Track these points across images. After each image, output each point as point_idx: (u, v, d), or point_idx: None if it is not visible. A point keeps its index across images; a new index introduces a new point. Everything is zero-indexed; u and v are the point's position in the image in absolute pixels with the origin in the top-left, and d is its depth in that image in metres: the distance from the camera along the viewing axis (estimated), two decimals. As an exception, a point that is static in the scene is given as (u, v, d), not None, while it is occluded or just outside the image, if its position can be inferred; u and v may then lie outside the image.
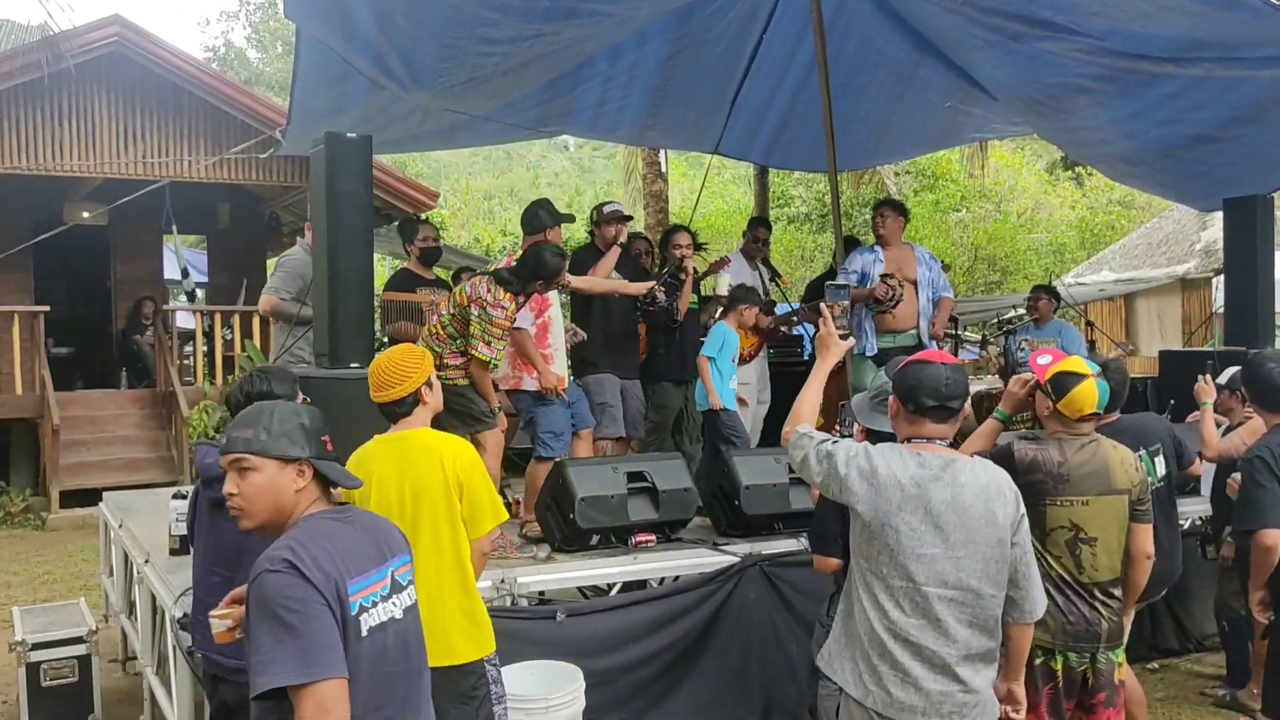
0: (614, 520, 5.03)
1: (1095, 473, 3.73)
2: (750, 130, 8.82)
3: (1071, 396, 3.74)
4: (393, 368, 3.44)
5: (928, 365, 2.98)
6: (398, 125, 6.79)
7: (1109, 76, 5.84)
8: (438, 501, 3.37)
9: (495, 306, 5.00)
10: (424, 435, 3.47)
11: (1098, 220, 25.38)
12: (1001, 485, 2.94)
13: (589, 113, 7.75)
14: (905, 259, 7.08)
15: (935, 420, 2.95)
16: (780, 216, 24.52)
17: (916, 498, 2.86)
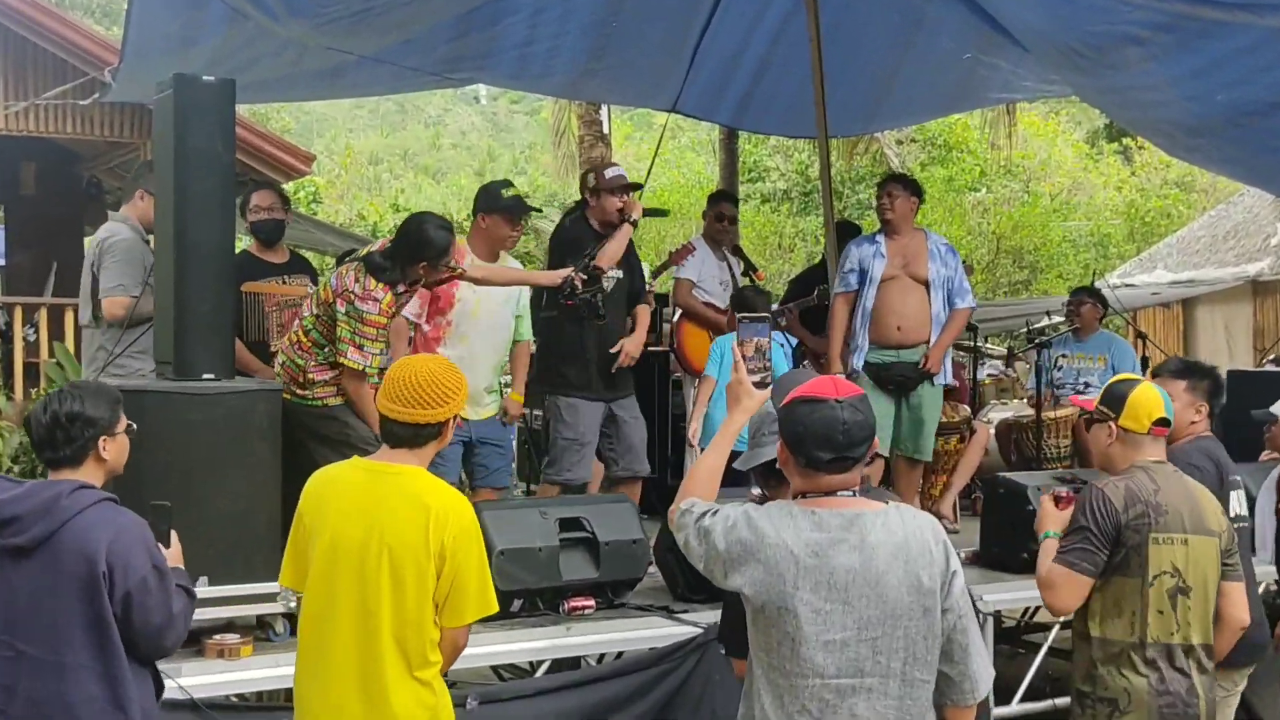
0: (542, 580, 5.02)
1: (1190, 504, 3.87)
2: (717, 83, 8.90)
3: (1133, 402, 3.87)
4: (435, 383, 3.39)
5: (817, 406, 2.95)
6: (264, 66, 6.75)
7: (1167, 24, 5.97)
8: (406, 568, 3.30)
9: (365, 300, 5.00)
10: (416, 478, 3.42)
11: (1150, 206, 25.94)
12: (924, 538, 2.96)
13: (512, 55, 7.78)
14: (915, 251, 7.04)
15: (832, 470, 2.95)
16: (752, 194, 24.72)
17: (815, 569, 2.88)
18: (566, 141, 17.45)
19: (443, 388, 3.40)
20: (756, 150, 25.08)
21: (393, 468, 3.40)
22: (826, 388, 2.99)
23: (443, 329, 5.94)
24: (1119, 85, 7.10)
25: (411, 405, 3.37)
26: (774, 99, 9.17)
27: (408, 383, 3.38)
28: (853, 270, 6.99)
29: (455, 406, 3.44)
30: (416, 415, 3.37)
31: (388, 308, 5.07)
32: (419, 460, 3.44)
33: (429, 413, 3.38)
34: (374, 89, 10.02)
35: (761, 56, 8.48)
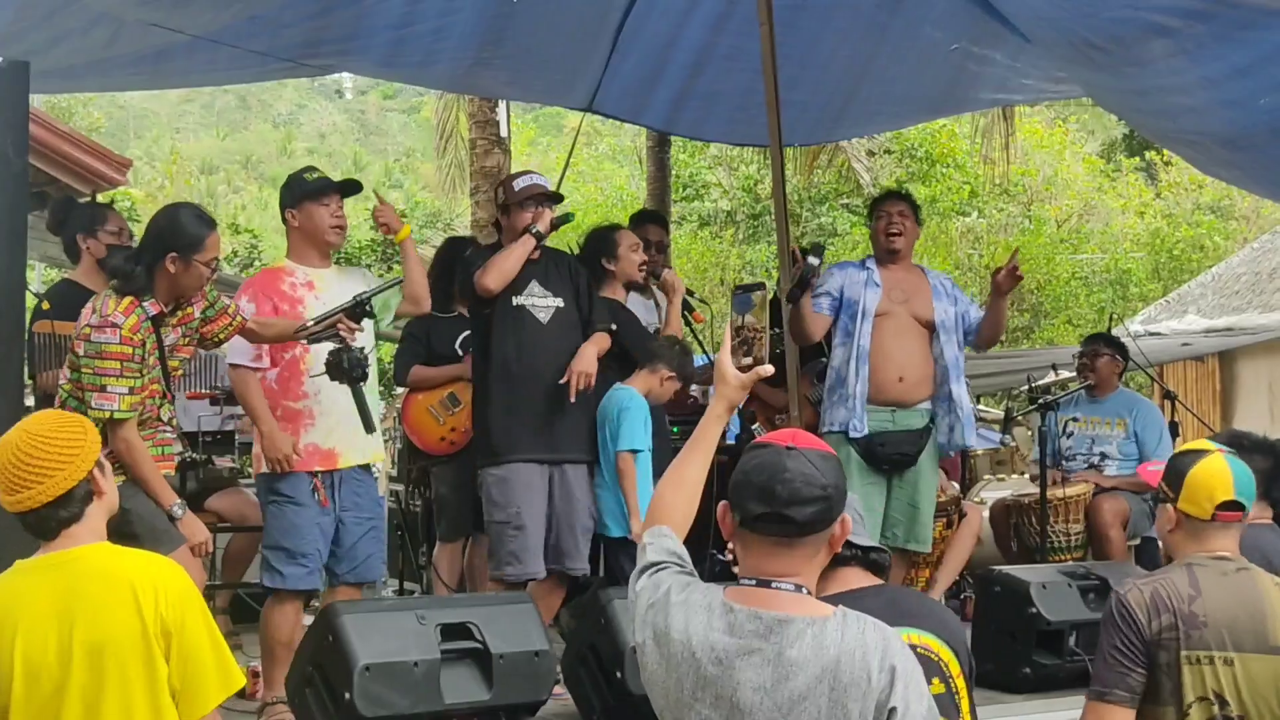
0: (418, 703, 4.97)
1: (1245, 614, 3.87)
2: (645, 77, 8.97)
3: (1192, 480, 3.92)
4: (40, 447, 3.39)
5: (763, 450, 3.00)
6: (66, 48, 6.69)
7: (1202, 12, 6.11)
8: (128, 662, 3.32)
9: (103, 328, 5.07)
10: (100, 555, 3.44)
11: (1179, 235, 26.47)
12: (865, 660, 2.90)
13: (385, 37, 7.78)
14: (915, 285, 7.10)
15: (774, 543, 2.94)
16: (688, 215, 24.93)
17: (717, 682, 2.90)
18: (454, 147, 17.48)
19: (58, 442, 3.42)
20: (693, 161, 25.30)
21: (70, 554, 3.41)
22: (783, 436, 3.03)
23: (302, 359, 5.89)
24: (1142, 86, 7.25)
25: (30, 485, 3.38)
26: (715, 98, 9.24)
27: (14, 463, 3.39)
28: (828, 295, 6.92)
29: (89, 454, 3.46)
30: (41, 494, 3.38)
31: (130, 333, 5.10)
32: (93, 535, 3.47)
33: (59, 478, 3.39)
34: (209, 77, 9.96)
35: (700, 45, 8.55)
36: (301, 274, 5.97)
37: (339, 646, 4.95)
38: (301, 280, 5.96)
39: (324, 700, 5.00)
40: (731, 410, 3.37)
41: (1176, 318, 19.27)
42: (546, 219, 6.51)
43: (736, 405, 3.40)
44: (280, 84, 45.15)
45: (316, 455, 5.81)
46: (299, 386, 5.85)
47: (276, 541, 5.74)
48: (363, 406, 5.66)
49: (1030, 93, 9.79)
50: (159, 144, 41.37)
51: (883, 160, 24.18)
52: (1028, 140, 25.65)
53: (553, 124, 36.33)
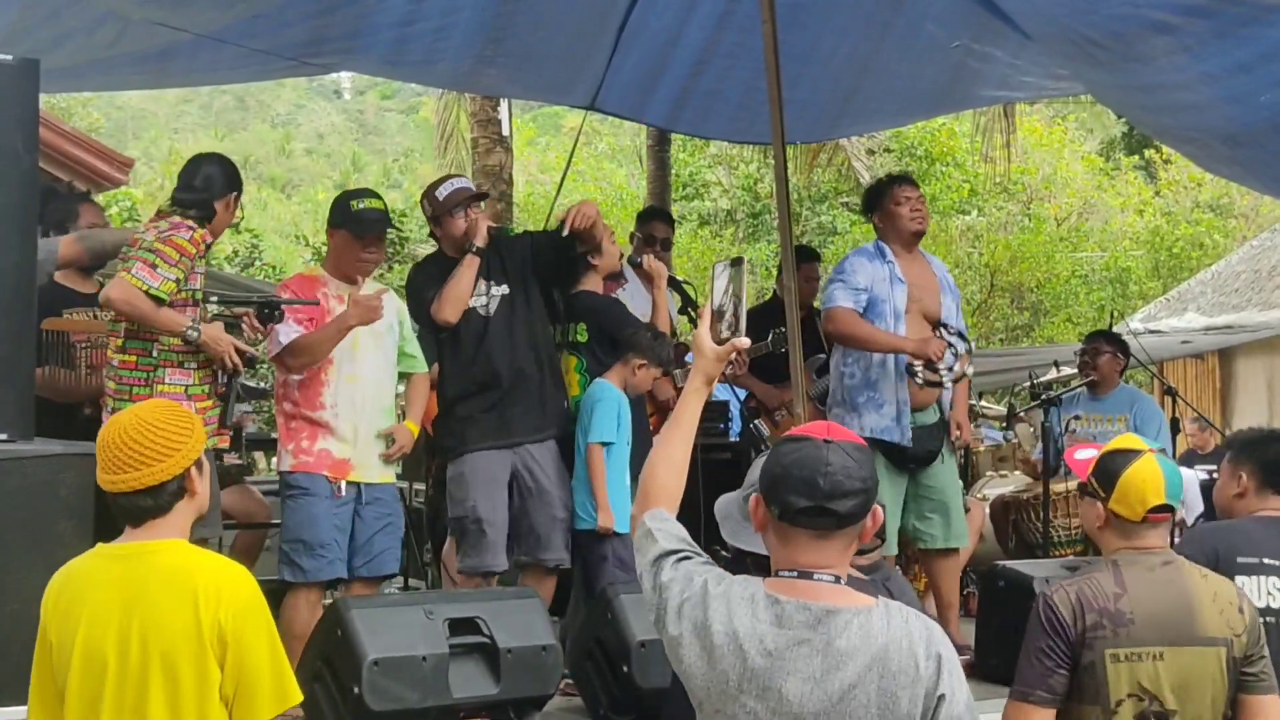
0: (426, 697, 5.00)
1: (1172, 608, 3.88)
2: (647, 76, 9.00)
3: (1124, 483, 3.91)
4: (149, 430, 3.40)
5: (800, 444, 3.01)
6: (72, 47, 6.73)
7: (1203, 9, 6.13)
8: (179, 664, 3.31)
9: (177, 227, 5.45)
10: (173, 552, 3.43)
11: (1178, 234, 26.49)
12: (912, 649, 2.95)
13: (389, 36, 7.81)
14: (925, 280, 7.00)
15: (813, 535, 2.97)
16: (689, 213, 24.93)
17: (765, 674, 2.91)
18: (454, 146, 17.44)
19: (161, 433, 3.42)
20: (693, 160, 25.32)
21: (145, 546, 3.41)
22: (817, 429, 3.05)
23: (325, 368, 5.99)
24: (1144, 83, 7.27)
25: (130, 468, 3.38)
26: (717, 96, 9.27)
27: (117, 443, 3.39)
28: (865, 290, 6.77)
29: (191, 450, 3.46)
30: (142, 478, 3.38)
31: (200, 239, 5.42)
32: (175, 531, 3.46)
33: (154, 470, 3.39)
34: (212, 77, 9.98)
35: (702, 43, 8.58)
36: (334, 287, 6.12)
37: (348, 641, 4.98)
38: (334, 293, 6.10)
39: (333, 695, 5.02)
40: (710, 384, 3.35)
41: (1176, 315, 19.29)
42: (483, 233, 6.45)
43: (714, 378, 3.36)
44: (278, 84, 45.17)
45: (327, 461, 5.90)
46: (318, 398, 5.95)
47: (295, 535, 5.81)
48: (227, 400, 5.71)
49: (1031, 90, 9.82)
50: (157, 144, 41.34)
51: (883, 158, 24.16)
52: (1027, 139, 25.64)
53: (551, 123, 36.35)
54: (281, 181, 45.49)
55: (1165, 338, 17.43)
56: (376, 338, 6.09)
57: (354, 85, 51.61)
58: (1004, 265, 24.09)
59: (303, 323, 5.95)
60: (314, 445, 5.86)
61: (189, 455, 3.44)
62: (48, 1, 6.09)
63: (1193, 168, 22.40)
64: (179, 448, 3.42)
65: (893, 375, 6.71)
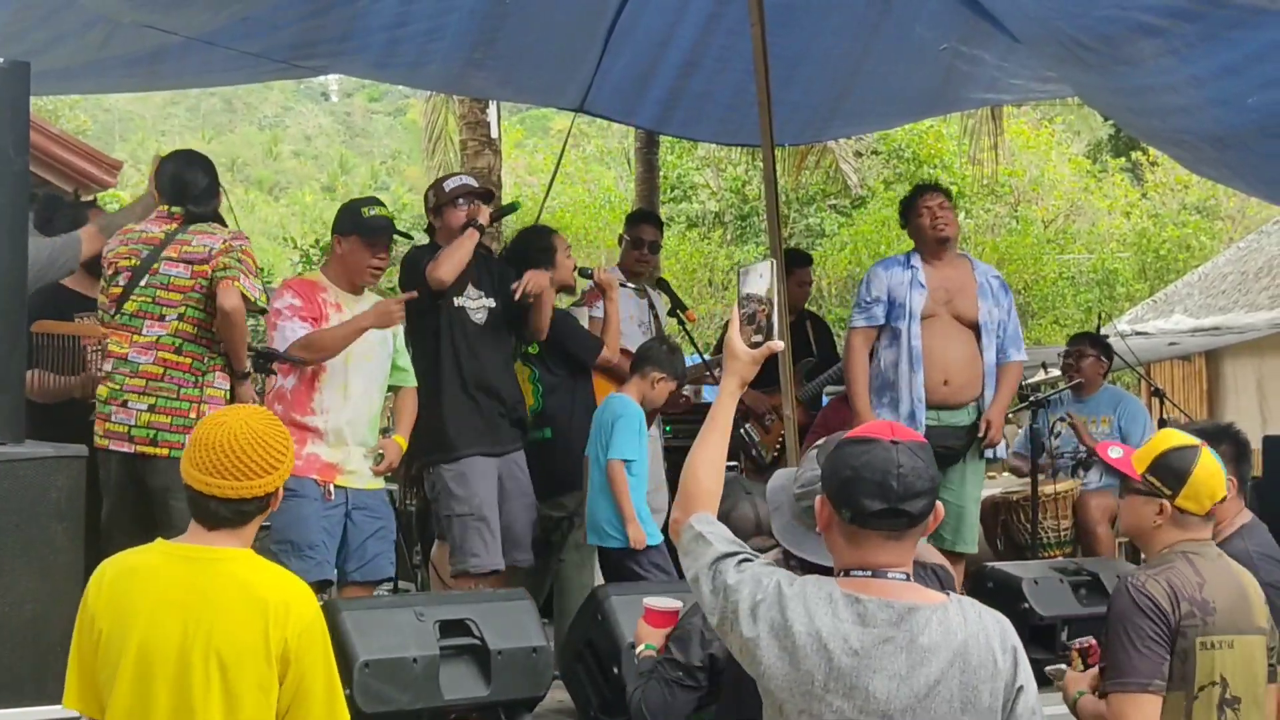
0: (417, 699, 5.01)
1: (1238, 597, 3.96)
2: (636, 79, 9.02)
3: (1197, 478, 3.95)
4: (259, 444, 3.39)
5: (869, 446, 3.02)
6: (63, 50, 6.73)
7: (1190, 12, 6.15)
8: (244, 677, 3.31)
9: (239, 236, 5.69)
10: (245, 565, 3.43)
11: (1165, 235, 26.55)
12: (989, 643, 2.99)
13: (379, 39, 7.82)
14: (960, 283, 7.06)
15: (885, 535, 2.98)
16: (677, 216, 24.95)
17: (852, 673, 2.92)
18: (443, 148, 17.39)
19: (270, 449, 3.41)
20: (681, 163, 25.32)
21: (214, 552, 3.40)
22: (881, 429, 3.06)
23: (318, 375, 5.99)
24: (1131, 85, 7.30)
25: (232, 476, 3.36)
26: (706, 98, 9.28)
27: (225, 448, 3.36)
28: (879, 301, 6.95)
29: (286, 471, 3.46)
30: (240, 489, 3.37)
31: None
32: (241, 541, 3.45)
33: (256, 483, 3.38)
34: (202, 79, 9.98)
35: (691, 45, 8.59)
36: (333, 293, 6.12)
37: (338, 643, 4.94)
38: (332, 300, 6.10)
39: (324, 696, 5.03)
40: (743, 387, 3.39)
41: (1163, 317, 19.32)
42: (485, 212, 6.61)
43: (748, 382, 3.40)
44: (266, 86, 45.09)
45: (316, 464, 5.89)
46: (309, 403, 5.96)
47: (283, 535, 5.78)
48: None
49: (1019, 92, 9.84)
50: (144, 146, 41.16)
51: (870, 161, 24.23)
52: (1014, 141, 25.67)
53: (539, 126, 36.33)
54: (269, 184, 45.42)
55: (1152, 339, 17.47)
56: (370, 348, 6.09)
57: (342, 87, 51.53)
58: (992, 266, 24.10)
59: (307, 320, 5.97)
60: (303, 449, 5.80)
61: (285, 474, 3.45)
62: (40, 5, 6.08)
63: (1180, 170, 22.46)
64: (280, 465, 3.43)
65: (907, 374, 6.84)
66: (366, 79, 9.38)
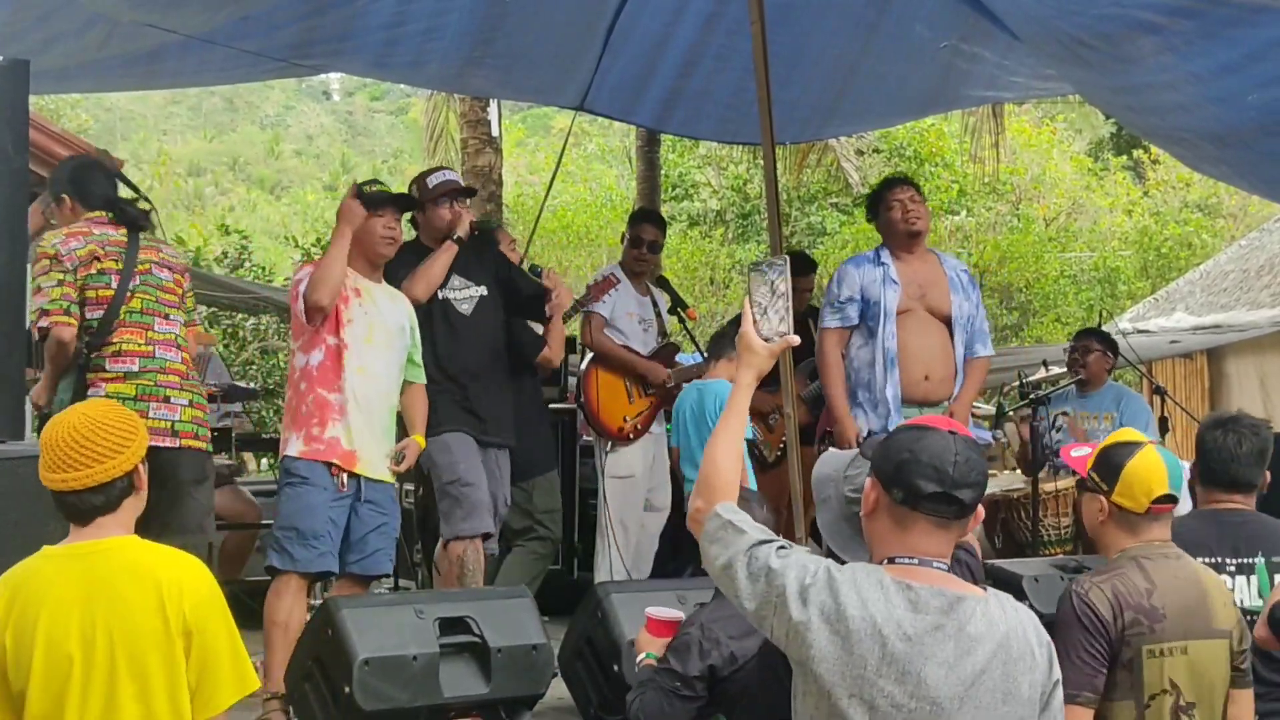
0: (417, 697, 5.02)
1: (1193, 601, 3.93)
2: (637, 77, 9.02)
3: (1128, 474, 3.96)
4: (96, 429, 3.46)
5: (926, 432, 3.09)
6: (62, 49, 6.73)
7: (1189, 9, 6.15)
8: (148, 658, 3.37)
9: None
10: (130, 548, 3.49)
11: (1166, 233, 26.55)
12: (1028, 638, 3.06)
13: (378, 38, 7.82)
14: (931, 277, 6.99)
15: (934, 523, 3.03)
16: (678, 214, 24.95)
17: (905, 659, 2.95)
18: (444, 147, 17.41)
19: (113, 430, 3.48)
20: (682, 161, 25.32)
21: (100, 544, 3.45)
22: (939, 421, 3.13)
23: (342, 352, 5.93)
24: (1131, 83, 7.30)
25: (83, 465, 3.43)
26: (707, 96, 9.28)
27: (68, 442, 3.44)
28: (851, 300, 6.86)
29: (139, 447, 3.53)
30: (95, 474, 3.43)
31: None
32: (122, 528, 3.51)
33: (108, 465, 3.45)
34: (201, 78, 9.98)
35: (691, 44, 8.59)
36: (351, 279, 6.03)
37: (338, 641, 4.98)
38: (350, 285, 6.01)
39: (324, 694, 5.04)
40: (759, 379, 3.42)
41: (1165, 315, 19.33)
42: (466, 224, 6.59)
43: (764, 374, 3.43)
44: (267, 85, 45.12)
45: (337, 450, 5.82)
46: (337, 379, 5.88)
47: (289, 522, 5.73)
48: None
49: (1019, 90, 9.83)
50: (146, 146, 41.23)
51: (871, 159, 24.20)
52: (1016, 139, 25.69)
53: (541, 124, 36.36)
54: (270, 183, 45.41)
55: (1154, 337, 17.45)
56: (389, 336, 6.06)
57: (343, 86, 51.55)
58: (993, 265, 24.14)
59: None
60: (325, 432, 5.79)
61: (137, 452, 3.51)
62: (39, 4, 6.08)
63: (1181, 168, 22.48)
64: (128, 444, 3.48)
65: (881, 374, 6.74)
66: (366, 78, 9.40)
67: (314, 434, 5.82)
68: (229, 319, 15.74)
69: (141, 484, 3.55)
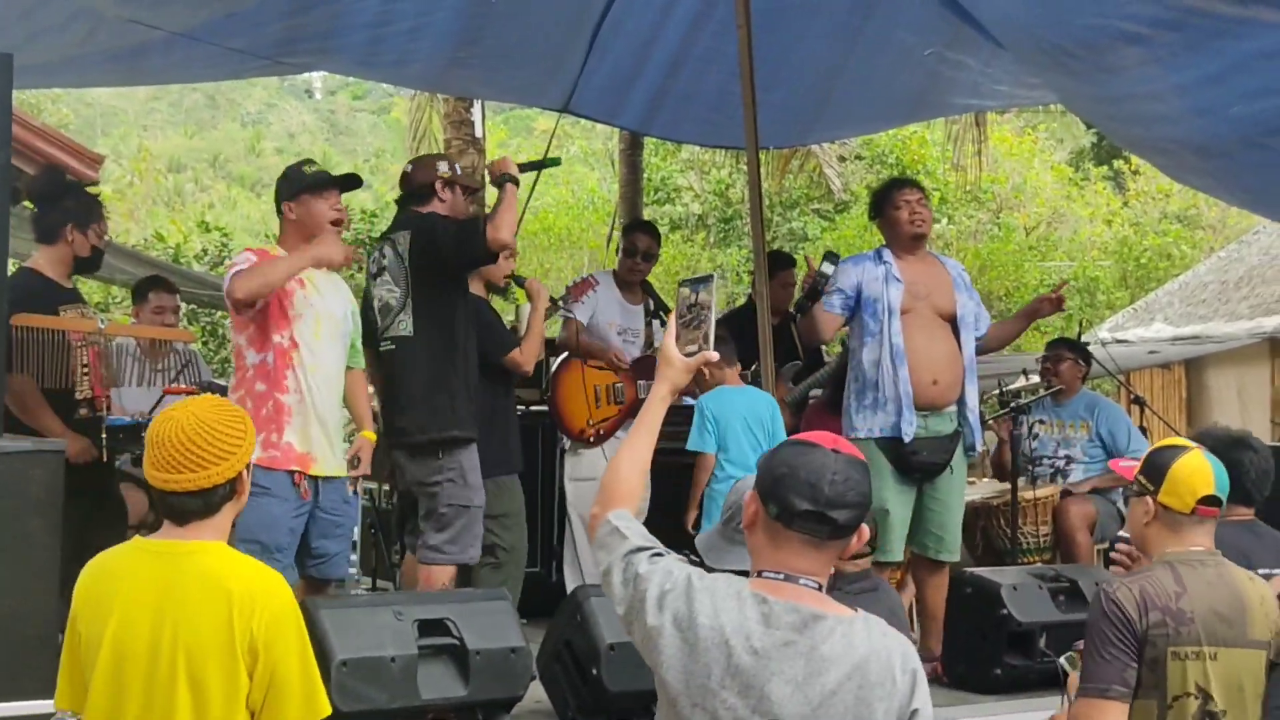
0: (395, 698, 5.01)
1: (1226, 609, 3.95)
2: (622, 80, 9.03)
3: (1175, 474, 3.97)
4: (210, 432, 3.38)
5: (807, 448, 3.04)
6: (44, 44, 6.70)
7: (1173, 20, 6.16)
8: (208, 670, 3.30)
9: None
10: (214, 556, 3.42)
11: (1146, 244, 26.62)
12: (889, 661, 2.99)
13: (362, 37, 7.81)
14: (936, 279, 6.94)
15: (805, 539, 2.98)
16: (660, 218, 24.92)
17: (750, 672, 2.92)
18: (427, 147, 17.37)
19: (222, 435, 3.40)
20: (665, 165, 25.30)
21: (184, 546, 3.40)
22: (824, 438, 3.07)
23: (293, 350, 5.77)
24: (1115, 93, 7.32)
25: (189, 469, 3.35)
26: (691, 99, 9.29)
27: (176, 442, 3.36)
28: (840, 293, 6.79)
29: (246, 453, 3.46)
30: (199, 480, 3.36)
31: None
32: (216, 530, 3.45)
33: (214, 471, 3.38)
34: (185, 74, 9.97)
35: (677, 46, 8.61)
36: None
37: (316, 642, 4.92)
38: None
39: (301, 695, 5.01)
40: (675, 393, 3.39)
41: (1144, 325, 19.41)
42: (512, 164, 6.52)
43: (680, 388, 3.41)
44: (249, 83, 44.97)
45: (293, 455, 5.69)
46: (291, 378, 5.72)
47: (252, 535, 5.51)
48: None
49: (1003, 98, 9.86)
50: (126, 141, 41.08)
51: (854, 166, 24.25)
52: (998, 148, 25.77)
53: (523, 125, 36.32)
54: (251, 180, 45.22)
55: (1132, 347, 17.54)
56: (335, 325, 5.91)
57: (325, 85, 51.42)
58: (973, 273, 23.97)
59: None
60: (281, 438, 5.65)
61: (244, 458, 3.44)
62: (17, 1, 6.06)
63: (1161, 178, 22.53)
64: (235, 450, 3.41)
65: (890, 371, 6.65)
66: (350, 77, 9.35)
67: (272, 440, 5.65)
68: (208, 316, 15.71)
69: (244, 489, 3.48)
